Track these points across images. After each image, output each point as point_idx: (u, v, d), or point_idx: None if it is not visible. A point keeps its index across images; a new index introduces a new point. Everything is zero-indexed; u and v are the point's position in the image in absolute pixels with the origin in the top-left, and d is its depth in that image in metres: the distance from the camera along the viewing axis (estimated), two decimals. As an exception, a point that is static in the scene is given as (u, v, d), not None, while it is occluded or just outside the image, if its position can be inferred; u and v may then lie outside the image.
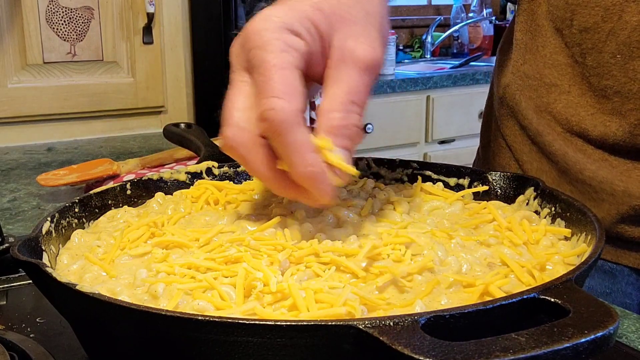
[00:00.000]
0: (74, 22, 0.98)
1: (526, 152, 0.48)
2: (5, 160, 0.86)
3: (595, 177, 0.43)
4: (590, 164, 0.44)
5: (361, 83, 0.30)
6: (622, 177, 0.42)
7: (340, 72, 0.30)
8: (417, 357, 0.19)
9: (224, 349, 0.22)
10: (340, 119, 0.29)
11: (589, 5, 0.42)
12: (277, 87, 0.28)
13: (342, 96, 0.29)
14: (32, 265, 0.27)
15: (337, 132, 0.29)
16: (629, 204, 0.42)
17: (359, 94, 0.30)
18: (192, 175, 0.44)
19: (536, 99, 0.47)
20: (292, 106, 0.28)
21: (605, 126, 0.42)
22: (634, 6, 0.39)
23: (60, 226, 0.34)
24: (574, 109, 0.44)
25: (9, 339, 0.31)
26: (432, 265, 0.29)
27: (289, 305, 0.25)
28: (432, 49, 2.16)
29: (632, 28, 0.40)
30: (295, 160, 0.28)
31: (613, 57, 0.41)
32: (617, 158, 0.43)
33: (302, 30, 0.30)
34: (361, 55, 0.30)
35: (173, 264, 0.29)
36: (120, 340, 0.26)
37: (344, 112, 0.29)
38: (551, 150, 0.46)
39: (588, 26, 0.42)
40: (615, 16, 0.40)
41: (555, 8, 0.45)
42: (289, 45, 0.29)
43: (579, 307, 0.21)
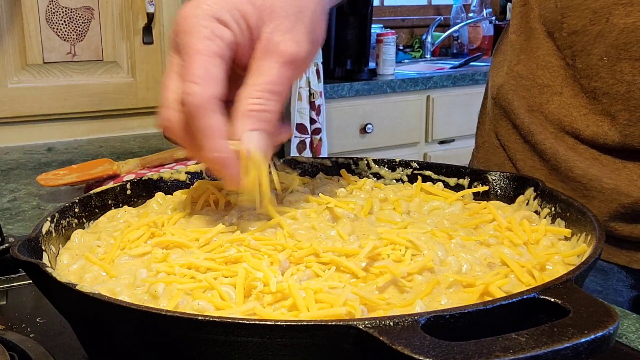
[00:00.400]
0: (74, 22, 0.98)
1: (519, 150, 0.49)
2: (5, 160, 0.86)
3: (586, 175, 0.44)
4: (581, 162, 0.44)
5: (282, 75, 0.31)
6: (611, 175, 0.43)
7: (263, 64, 0.31)
8: (417, 357, 0.19)
9: (224, 349, 0.22)
10: (258, 104, 0.31)
11: (579, 8, 0.43)
12: (196, 73, 0.30)
13: (262, 85, 0.31)
14: (32, 265, 0.27)
15: (253, 116, 0.31)
16: (618, 202, 0.43)
17: (279, 85, 0.31)
18: (192, 175, 0.44)
19: (529, 98, 0.47)
20: (207, 92, 0.29)
21: (598, 126, 0.43)
22: (621, 9, 0.40)
23: (60, 226, 0.34)
24: (566, 110, 0.45)
25: (9, 339, 0.31)
26: (432, 265, 0.29)
27: (289, 305, 0.25)
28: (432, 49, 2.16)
29: (619, 31, 0.40)
30: (205, 144, 0.30)
31: (601, 59, 0.42)
32: (608, 157, 0.43)
33: (229, 20, 0.31)
34: (285, 49, 0.31)
35: (173, 264, 0.29)
36: (120, 340, 0.26)
37: (262, 99, 0.31)
38: (542, 148, 0.46)
39: (577, 29, 0.43)
40: (603, 19, 0.41)
41: (546, 11, 0.46)
42: (214, 34, 0.30)
43: (579, 307, 0.21)
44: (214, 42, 0.30)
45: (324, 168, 0.45)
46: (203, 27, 0.30)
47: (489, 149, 0.53)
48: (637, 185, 0.42)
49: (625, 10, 0.40)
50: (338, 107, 1.60)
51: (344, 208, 0.35)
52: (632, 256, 0.44)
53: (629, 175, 0.43)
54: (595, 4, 0.41)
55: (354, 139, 1.64)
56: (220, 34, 0.30)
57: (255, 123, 0.31)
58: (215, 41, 0.30)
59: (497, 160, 0.52)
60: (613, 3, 0.40)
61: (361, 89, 1.62)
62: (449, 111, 1.75)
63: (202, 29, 0.30)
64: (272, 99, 0.31)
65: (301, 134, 1.52)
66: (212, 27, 0.30)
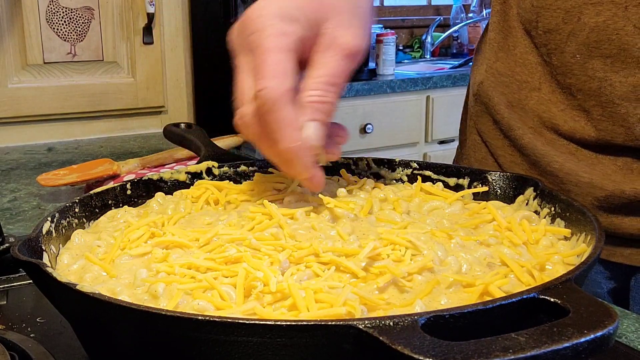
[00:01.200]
0: (74, 22, 0.98)
1: (500, 146, 0.50)
2: (6, 160, 0.86)
3: (562, 169, 0.45)
4: (558, 156, 0.46)
5: (342, 68, 0.33)
6: (587, 170, 0.44)
7: (325, 57, 0.33)
8: (417, 357, 0.19)
9: (224, 349, 0.22)
10: (319, 96, 0.33)
11: (551, 7, 0.44)
12: (270, 68, 0.31)
13: (322, 78, 0.33)
14: (33, 265, 0.27)
15: (314, 107, 0.33)
16: (593, 195, 0.44)
17: (339, 77, 0.33)
18: (192, 175, 0.44)
19: (508, 94, 0.49)
20: (283, 86, 0.31)
21: (575, 121, 0.44)
22: (591, 8, 0.41)
23: (60, 226, 0.34)
24: (545, 106, 0.46)
25: (10, 339, 0.31)
26: (431, 265, 0.29)
27: (289, 305, 0.25)
28: (432, 49, 2.16)
29: (589, 29, 0.42)
30: (281, 136, 0.32)
31: (573, 57, 0.43)
32: (585, 151, 0.44)
33: (298, 17, 0.33)
34: (345, 43, 0.33)
35: (173, 264, 0.29)
36: (120, 340, 0.26)
37: (323, 91, 0.33)
38: (522, 143, 0.48)
39: (551, 27, 0.44)
40: (575, 18, 0.42)
41: (523, 10, 0.47)
42: (284, 30, 0.32)
43: (579, 307, 0.21)
44: (285, 38, 0.32)
45: (324, 168, 0.45)
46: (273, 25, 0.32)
47: (472, 145, 0.54)
48: (611, 179, 0.43)
49: (595, 9, 0.41)
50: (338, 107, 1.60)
51: (343, 208, 0.35)
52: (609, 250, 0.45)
53: (603, 169, 0.44)
54: (567, 4, 0.43)
55: (353, 139, 1.63)
56: (290, 31, 0.32)
57: (314, 113, 0.33)
58: (286, 37, 0.32)
59: (479, 157, 0.53)
60: (583, 2, 0.42)
61: (361, 89, 1.62)
62: (448, 111, 1.75)
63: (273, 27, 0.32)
64: (331, 91, 0.33)
65: (301, 134, 1.52)
66: (282, 24, 0.32)
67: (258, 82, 0.32)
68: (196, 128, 0.58)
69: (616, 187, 0.43)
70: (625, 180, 0.43)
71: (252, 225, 0.33)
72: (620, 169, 0.43)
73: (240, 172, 0.45)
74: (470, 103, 0.55)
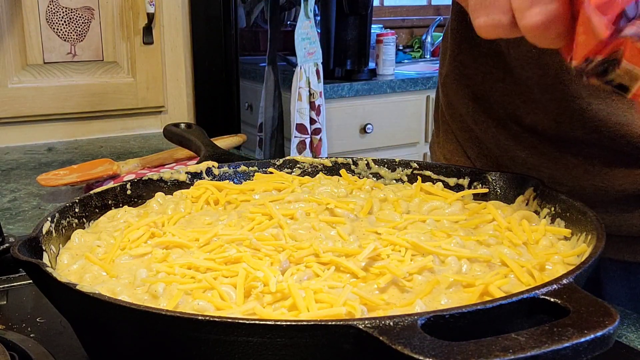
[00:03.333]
0: (74, 22, 0.98)
1: (466, 138, 0.50)
2: (6, 160, 0.86)
3: (525, 164, 0.45)
4: (521, 151, 0.45)
5: None
6: (549, 165, 0.44)
7: None
8: (416, 356, 0.19)
9: (224, 349, 0.22)
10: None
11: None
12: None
13: None
14: (33, 265, 0.27)
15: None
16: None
17: None
18: (192, 176, 0.44)
19: (473, 87, 0.48)
20: None
21: (534, 114, 0.44)
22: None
23: (60, 226, 0.34)
24: (509, 97, 0.46)
25: (10, 339, 0.31)
26: (431, 265, 0.29)
27: (289, 305, 0.25)
28: (432, 49, 2.16)
29: None
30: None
31: (529, 51, 0.42)
32: (547, 146, 0.44)
33: None
34: None
35: (173, 264, 0.29)
36: (120, 339, 0.26)
37: None
38: (485, 137, 0.47)
39: None
40: None
41: None
42: None
43: (579, 307, 0.21)
44: None
45: (324, 168, 0.45)
46: None
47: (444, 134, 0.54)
48: (572, 175, 0.43)
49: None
50: (338, 107, 1.60)
51: (343, 208, 0.35)
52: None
53: (565, 164, 0.43)
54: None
55: (353, 139, 1.64)
56: None
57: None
58: None
59: (450, 147, 0.53)
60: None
61: (361, 89, 1.62)
62: None
63: None
64: None
65: (301, 134, 1.52)
66: None
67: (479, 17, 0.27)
68: (196, 128, 0.58)
69: (576, 182, 0.43)
70: (585, 175, 0.42)
71: (252, 225, 0.33)
72: (582, 163, 0.42)
73: (240, 172, 0.45)
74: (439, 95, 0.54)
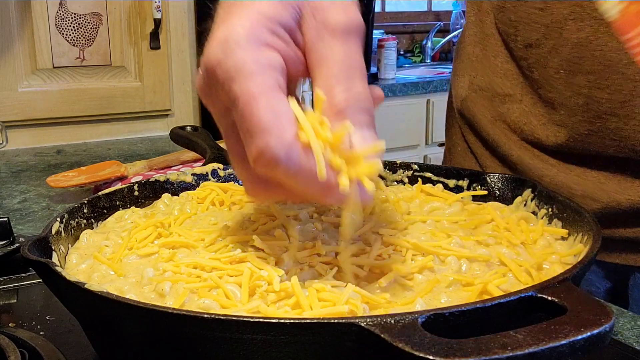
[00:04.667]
0: (83, 27, 1.00)
1: (489, 159, 0.49)
2: (16, 162, 0.87)
3: (554, 183, 0.44)
4: (548, 169, 0.44)
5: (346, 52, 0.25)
6: (578, 181, 0.43)
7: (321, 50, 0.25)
8: (417, 354, 0.19)
9: (229, 346, 0.22)
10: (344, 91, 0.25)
11: (531, 22, 0.42)
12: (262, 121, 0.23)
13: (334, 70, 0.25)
14: (42, 264, 0.27)
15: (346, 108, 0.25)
16: (588, 207, 0.42)
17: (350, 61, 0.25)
18: (198, 177, 0.44)
19: (491, 109, 0.47)
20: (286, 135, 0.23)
21: (556, 136, 0.43)
22: (572, 24, 0.40)
23: (69, 226, 0.35)
24: (526, 118, 0.44)
25: (20, 337, 0.32)
26: (432, 265, 0.29)
27: (292, 303, 0.26)
28: (432, 54, 2.16)
29: (572, 45, 0.40)
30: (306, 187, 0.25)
31: (557, 72, 0.41)
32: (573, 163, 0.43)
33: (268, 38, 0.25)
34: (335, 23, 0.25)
35: (179, 264, 0.30)
36: (127, 337, 0.26)
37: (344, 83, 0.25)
38: (510, 159, 0.46)
39: (531, 42, 0.43)
40: (556, 33, 0.41)
41: (500, 22, 0.45)
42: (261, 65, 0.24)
43: (576, 306, 0.21)
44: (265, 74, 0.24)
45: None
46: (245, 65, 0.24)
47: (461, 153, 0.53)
48: (604, 190, 0.42)
49: (576, 25, 0.40)
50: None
51: (346, 209, 0.36)
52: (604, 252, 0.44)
53: (595, 179, 0.42)
54: (546, 19, 0.41)
55: (357, 142, 1.63)
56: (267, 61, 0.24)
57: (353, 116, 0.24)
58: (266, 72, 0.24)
59: (468, 165, 0.52)
60: (564, 18, 0.40)
61: (365, 92, 1.62)
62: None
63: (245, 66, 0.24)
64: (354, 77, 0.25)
65: (306, 137, 1.52)
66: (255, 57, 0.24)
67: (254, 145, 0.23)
68: (202, 131, 0.59)
69: (611, 198, 0.41)
70: (619, 189, 0.41)
71: (256, 226, 0.34)
72: (613, 177, 0.41)
73: (245, 174, 0.45)
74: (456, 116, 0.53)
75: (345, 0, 0.26)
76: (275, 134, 0.23)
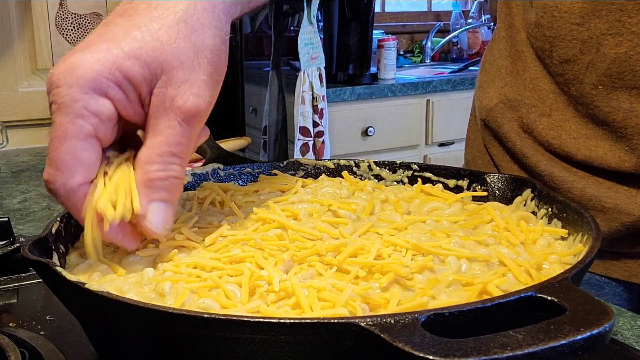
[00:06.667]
0: (83, 28, 1.00)
1: (514, 171, 0.48)
2: (16, 162, 0.87)
3: (584, 195, 0.43)
4: (577, 182, 0.44)
5: (181, 134, 0.28)
6: (609, 193, 0.42)
7: (160, 123, 0.28)
8: (417, 354, 0.20)
9: (229, 346, 0.22)
10: (157, 171, 0.28)
11: (566, 38, 0.42)
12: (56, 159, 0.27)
13: (160, 148, 0.28)
14: (42, 264, 0.27)
15: (153, 185, 0.28)
16: (619, 221, 0.42)
17: (180, 145, 0.28)
18: (198, 177, 0.44)
19: (518, 120, 0.47)
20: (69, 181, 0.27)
21: (591, 150, 0.42)
22: (611, 39, 0.40)
23: (69, 226, 0.35)
24: (555, 132, 0.44)
25: (20, 336, 0.32)
26: (432, 265, 0.29)
27: (292, 303, 0.26)
28: (432, 54, 2.17)
29: (610, 60, 0.40)
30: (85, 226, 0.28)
31: (595, 88, 0.41)
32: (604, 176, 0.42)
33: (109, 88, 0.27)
34: (182, 104, 0.28)
35: (179, 264, 0.30)
36: (127, 337, 0.26)
37: (162, 164, 0.28)
38: (538, 171, 0.46)
39: (568, 58, 0.42)
40: (593, 49, 0.41)
41: (535, 39, 0.45)
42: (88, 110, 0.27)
43: (575, 305, 0.21)
44: (87, 120, 0.27)
45: (327, 170, 0.46)
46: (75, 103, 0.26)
47: (482, 165, 0.52)
48: (636, 203, 0.41)
49: (615, 40, 0.39)
50: (340, 110, 1.61)
51: (346, 209, 0.36)
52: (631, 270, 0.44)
53: (627, 192, 0.42)
54: (583, 34, 0.41)
55: (355, 142, 1.64)
56: (96, 110, 0.27)
57: (157, 193, 0.28)
58: (89, 119, 0.27)
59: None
60: (602, 33, 0.40)
61: (363, 93, 1.63)
62: (448, 114, 1.76)
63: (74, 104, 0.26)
64: (172, 162, 0.28)
65: (304, 137, 1.53)
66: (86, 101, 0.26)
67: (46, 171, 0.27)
68: (202, 131, 0.59)
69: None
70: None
71: (256, 226, 0.34)
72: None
73: (245, 173, 0.45)
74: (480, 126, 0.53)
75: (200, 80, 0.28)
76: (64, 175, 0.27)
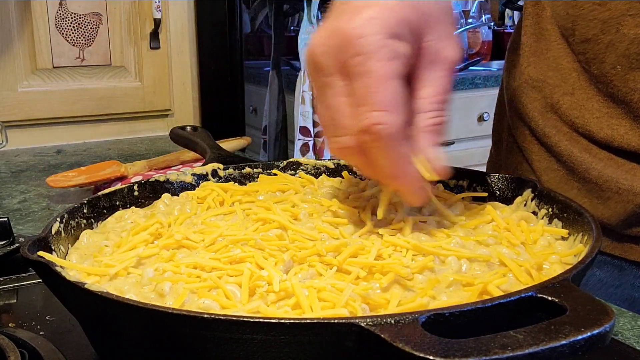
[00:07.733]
0: (83, 27, 1.00)
1: (535, 151, 0.49)
2: (16, 162, 0.87)
3: (601, 176, 0.44)
4: (596, 163, 0.44)
5: (448, 82, 0.31)
6: (627, 176, 0.43)
7: (432, 73, 0.31)
8: (417, 354, 0.19)
9: (229, 346, 0.22)
10: (437, 117, 0.31)
11: (587, 17, 0.42)
12: (384, 100, 0.28)
13: (435, 96, 0.31)
14: (42, 264, 0.27)
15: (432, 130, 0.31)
16: (635, 202, 0.42)
17: (448, 92, 0.31)
18: (198, 177, 0.44)
19: (541, 100, 0.47)
20: (399, 120, 0.29)
21: (612, 129, 0.42)
22: (631, 20, 0.40)
23: (69, 226, 0.35)
24: (578, 111, 0.45)
25: (20, 337, 0.32)
26: (432, 265, 0.29)
27: (292, 303, 0.26)
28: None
29: (629, 40, 0.40)
30: (397, 172, 0.30)
31: (613, 67, 0.41)
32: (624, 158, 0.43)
33: (404, 34, 0.29)
34: (449, 56, 0.31)
35: (179, 264, 0.30)
36: (127, 337, 0.26)
37: (438, 111, 0.31)
38: (558, 150, 0.46)
39: (589, 37, 0.43)
40: (613, 29, 0.41)
41: (558, 17, 0.45)
42: (395, 53, 0.29)
43: (576, 306, 0.21)
44: (396, 62, 0.29)
45: (327, 170, 0.46)
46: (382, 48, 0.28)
47: (507, 149, 0.53)
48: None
49: (634, 21, 0.40)
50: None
51: (346, 209, 0.36)
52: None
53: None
54: (604, 14, 0.41)
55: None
56: (401, 52, 0.29)
57: (436, 137, 0.31)
58: (397, 61, 0.29)
59: (514, 160, 0.52)
60: (622, 14, 0.40)
61: (365, 92, 1.62)
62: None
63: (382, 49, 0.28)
64: (444, 109, 0.31)
65: (304, 137, 1.53)
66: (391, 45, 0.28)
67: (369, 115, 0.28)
68: (202, 131, 0.59)
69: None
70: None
71: (256, 226, 0.34)
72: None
73: (245, 173, 0.45)
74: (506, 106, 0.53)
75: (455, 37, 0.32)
76: (393, 115, 0.28)
